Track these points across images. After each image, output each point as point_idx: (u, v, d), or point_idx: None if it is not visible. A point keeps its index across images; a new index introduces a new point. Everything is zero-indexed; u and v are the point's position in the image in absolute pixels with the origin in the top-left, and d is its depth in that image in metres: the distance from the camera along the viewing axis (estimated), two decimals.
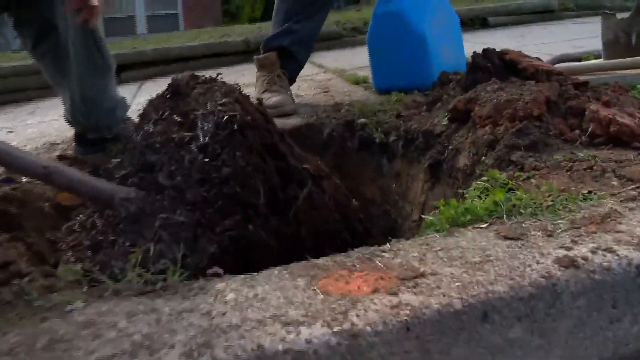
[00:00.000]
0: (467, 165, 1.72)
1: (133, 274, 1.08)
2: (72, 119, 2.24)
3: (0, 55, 6.33)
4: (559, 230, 1.08)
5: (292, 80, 2.94)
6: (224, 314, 0.87)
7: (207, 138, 1.32)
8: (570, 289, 0.92)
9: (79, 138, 2.28)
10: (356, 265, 1.01)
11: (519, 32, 5.24)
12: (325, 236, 1.50)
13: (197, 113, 1.37)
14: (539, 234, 1.08)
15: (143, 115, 1.50)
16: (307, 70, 4.17)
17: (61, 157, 2.11)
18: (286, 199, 1.39)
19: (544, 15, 6.73)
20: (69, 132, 2.41)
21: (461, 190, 1.56)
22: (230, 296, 0.93)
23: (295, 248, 1.39)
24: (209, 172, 1.28)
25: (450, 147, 1.86)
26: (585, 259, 0.95)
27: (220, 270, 1.06)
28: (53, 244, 1.45)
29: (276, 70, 2.84)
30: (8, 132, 3.19)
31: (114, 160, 1.57)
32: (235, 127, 1.32)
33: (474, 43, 3.12)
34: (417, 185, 2.08)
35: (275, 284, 0.96)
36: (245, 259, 1.26)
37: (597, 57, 2.92)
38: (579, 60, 2.90)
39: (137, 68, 5.34)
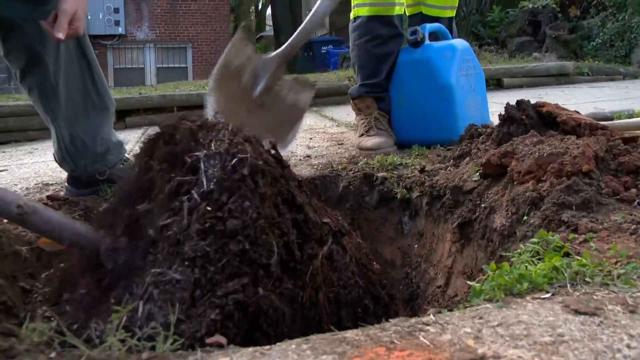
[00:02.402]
0: (505, 225, 1.52)
1: (114, 339, 0.87)
2: (60, 160, 2.07)
3: (6, 97, 6.22)
4: None
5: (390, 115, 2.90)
6: None
7: (212, 184, 1.11)
8: None
9: (71, 178, 2.10)
10: (395, 341, 0.80)
11: (536, 93, 5.13)
12: (344, 303, 1.28)
13: (199, 154, 1.16)
14: (619, 308, 0.87)
15: (137, 158, 1.31)
16: (319, 123, 4.04)
17: (51, 198, 1.92)
18: (303, 259, 1.18)
19: (559, 78, 6.67)
20: (65, 173, 2.23)
21: (502, 253, 1.36)
22: None
23: (310, 316, 1.18)
24: (212, 224, 1.07)
25: (483, 205, 1.67)
26: None
27: (223, 340, 0.85)
28: (27, 294, 1.25)
29: (373, 112, 2.81)
30: (1, 171, 3.01)
31: (104, 205, 1.38)
32: (246, 171, 1.12)
33: (491, 103, 2.99)
34: (443, 247, 1.87)
35: None
36: (252, 328, 1.04)
37: (629, 116, 2.76)
38: (611, 119, 2.74)
39: (142, 113, 5.22)
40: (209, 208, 1.08)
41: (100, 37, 15.58)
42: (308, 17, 2.25)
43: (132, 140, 3.96)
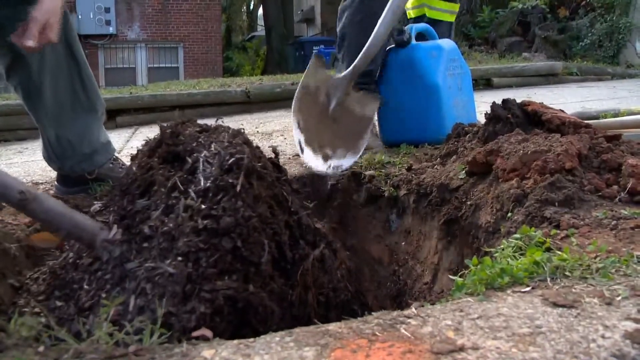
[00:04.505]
0: (490, 222, 1.54)
1: (102, 332, 0.89)
2: (46, 159, 2.07)
3: None
4: (618, 298, 0.90)
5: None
6: None
7: (208, 182, 1.13)
8: None
9: (61, 177, 2.11)
10: (377, 333, 0.82)
11: (525, 93, 5.16)
12: (333, 305, 1.31)
13: (199, 155, 1.19)
14: (595, 301, 0.90)
15: (135, 157, 1.33)
16: None
17: None
18: (294, 259, 1.21)
19: (548, 78, 6.72)
20: (55, 172, 2.24)
21: (486, 249, 1.38)
22: None
23: (299, 315, 1.20)
24: (206, 222, 1.09)
25: (468, 203, 1.69)
26: None
27: (209, 333, 0.87)
28: (16, 291, 1.26)
29: None
30: None
31: (96, 203, 1.39)
32: (242, 171, 1.15)
33: (480, 102, 3.02)
34: (429, 244, 1.89)
35: (276, 354, 0.76)
36: (241, 323, 1.06)
37: (615, 115, 2.79)
38: (597, 118, 2.77)
39: (133, 113, 5.22)
40: (203, 206, 1.10)
41: (91, 36, 15.52)
42: (371, 38, 2.30)
43: (122, 140, 3.96)
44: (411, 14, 3.02)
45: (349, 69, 2.33)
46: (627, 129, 2.33)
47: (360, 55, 2.30)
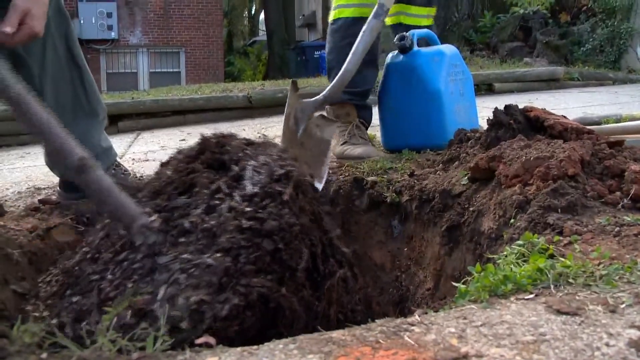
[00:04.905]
0: (492, 228, 1.54)
1: (105, 339, 0.89)
2: (49, 165, 2.08)
3: None
4: (622, 305, 0.90)
5: (368, 125, 2.90)
6: None
7: (256, 188, 1.19)
8: None
9: (63, 183, 2.11)
10: (380, 341, 0.82)
11: (527, 98, 5.17)
12: (351, 324, 1.33)
13: (246, 164, 1.25)
14: (599, 308, 0.90)
15: (166, 163, 1.37)
16: None
17: (43, 202, 1.93)
18: (325, 273, 1.25)
19: (550, 83, 6.72)
20: (57, 177, 2.24)
21: (489, 256, 1.38)
22: None
23: (321, 327, 1.22)
24: (251, 222, 1.13)
25: (471, 209, 1.69)
26: None
27: (212, 341, 0.86)
28: (20, 297, 1.26)
29: (354, 120, 2.76)
30: None
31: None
32: (291, 182, 1.21)
33: (482, 108, 3.01)
34: (432, 250, 1.89)
35: None
36: (269, 324, 1.08)
37: (617, 121, 2.79)
38: (599, 124, 2.77)
39: (135, 118, 5.22)
40: (248, 209, 1.14)
41: (93, 41, 15.54)
42: (342, 70, 2.27)
43: (124, 145, 3.96)
44: (386, 21, 3.00)
45: (319, 96, 2.28)
46: (630, 134, 2.33)
47: (335, 81, 2.26)
